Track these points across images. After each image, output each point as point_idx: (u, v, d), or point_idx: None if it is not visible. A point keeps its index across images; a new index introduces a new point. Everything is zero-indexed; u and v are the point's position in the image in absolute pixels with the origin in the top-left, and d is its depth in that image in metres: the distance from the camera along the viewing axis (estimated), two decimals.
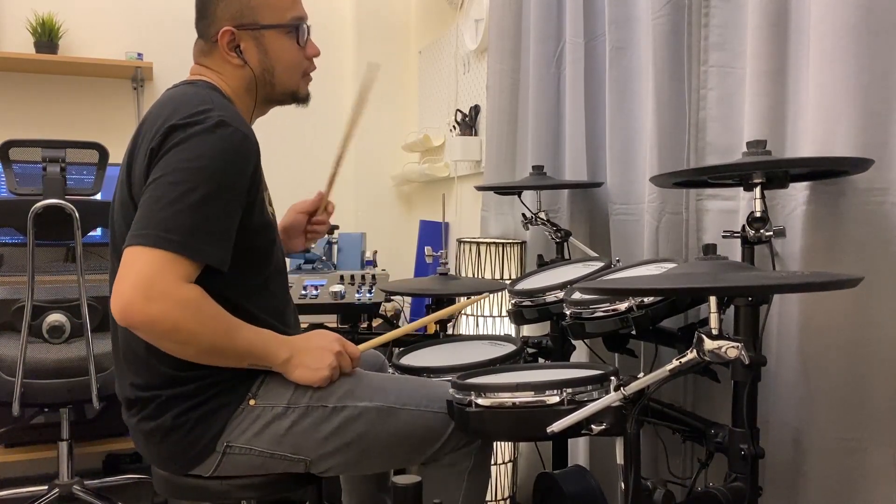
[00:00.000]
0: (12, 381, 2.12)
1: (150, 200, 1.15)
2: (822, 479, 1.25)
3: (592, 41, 1.91)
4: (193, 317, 1.14)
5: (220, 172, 1.17)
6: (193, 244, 1.14)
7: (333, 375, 1.29)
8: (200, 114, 1.19)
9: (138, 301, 1.10)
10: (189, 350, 1.18)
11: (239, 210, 1.22)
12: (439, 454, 1.34)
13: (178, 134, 1.17)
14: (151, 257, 1.12)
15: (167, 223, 1.13)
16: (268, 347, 1.24)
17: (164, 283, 1.11)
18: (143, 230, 1.13)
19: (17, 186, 2.13)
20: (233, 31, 1.33)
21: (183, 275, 1.13)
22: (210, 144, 1.17)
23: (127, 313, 1.11)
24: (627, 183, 1.77)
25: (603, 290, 1.23)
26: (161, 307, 1.11)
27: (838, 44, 1.18)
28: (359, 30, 3.49)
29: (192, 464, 1.26)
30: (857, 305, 1.18)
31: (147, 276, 1.11)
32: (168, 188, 1.15)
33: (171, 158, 1.17)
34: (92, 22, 3.12)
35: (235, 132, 1.20)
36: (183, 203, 1.14)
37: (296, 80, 1.42)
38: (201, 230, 1.15)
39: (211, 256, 1.17)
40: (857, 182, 1.19)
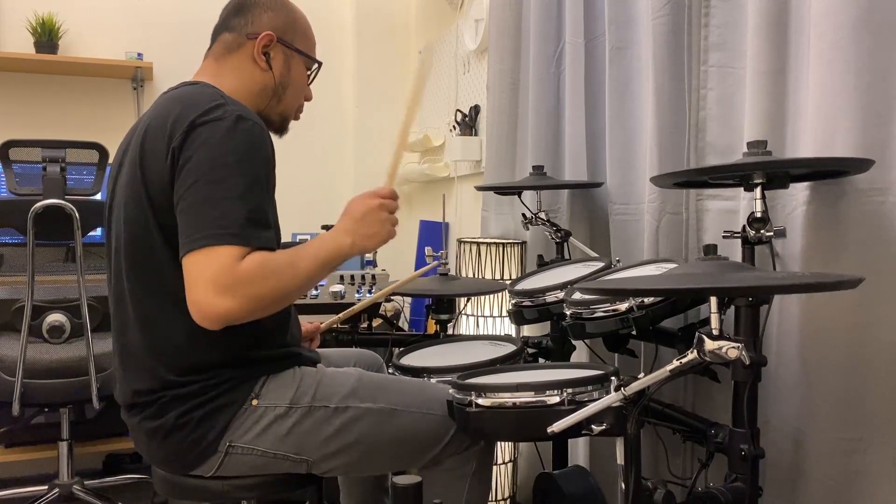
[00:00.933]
0: (12, 381, 2.12)
1: (198, 203, 1.16)
2: (822, 479, 1.25)
3: (592, 41, 1.91)
4: (263, 283, 1.15)
5: (252, 164, 1.20)
6: (247, 234, 1.16)
7: (394, 222, 1.32)
8: (216, 109, 1.21)
9: (211, 300, 1.12)
10: (282, 304, 1.22)
11: (271, 198, 1.26)
12: (441, 457, 1.34)
13: (202, 132, 1.18)
14: (209, 255, 1.13)
15: (219, 220, 1.14)
16: (331, 249, 1.26)
17: (226, 273, 1.13)
18: (197, 233, 1.14)
19: (17, 186, 2.13)
20: (273, 38, 1.38)
21: (233, 257, 1.14)
22: (238, 139, 1.19)
23: (207, 315, 1.13)
24: (627, 183, 1.77)
25: (603, 290, 1.23)
26: (233, 295, 1.12)
27: (838, 44, 1.18)
28: (359, 30, 3.49)
29: (193, 464, 1.26)
30: (858, 306, 1.18)
31: (210, 274, 1.12)
32: (209, 188, 1.16)
33: (202, 159, 1.17)
34: (92, 22, 3.12)
35: (255, 125, 1.23)
36: (228, 198, 1.15)
37: (295, 107, 1.48)
38: (250, 220, 1.17)
39: (264, 241, 1.18)
40: (858, 182, 1.19)
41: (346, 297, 2.46)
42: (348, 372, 1.38)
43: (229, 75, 1.38)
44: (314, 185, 3.45)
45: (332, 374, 1.35)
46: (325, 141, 3.50)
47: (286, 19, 1.41)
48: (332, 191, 3.50)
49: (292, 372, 1.32)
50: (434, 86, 3.27)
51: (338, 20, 3.52)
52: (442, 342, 1.80)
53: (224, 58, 1.39)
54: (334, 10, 3.51)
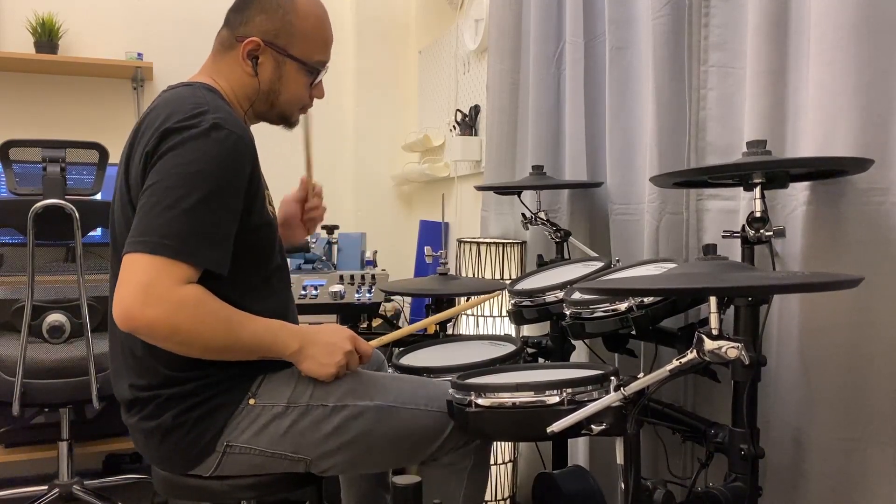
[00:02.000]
0: (12, 381, 2.12)
1: (147, 206, 1.16)
2: (822, 479, 1.25)
3: (592, 41, 1.91)
4: (192, 316, 1.15)
5: (214, 176, 1.17)
6: (190, 249, 1.14)
7: (340, 373, 1.29)
8: (195, 117, 1.19)
9: (137, 306, 1.11)
10: (193, 349, 1.19)
11: (237, 212, 1.22)
12: (439, 453, 1.34)
13: (173, 138, 1.17)
14: (148, 263, 1.12)
15: (163, 229, 1.13)
16: (276, 339, 1.24)
17: (160, 287, 1.12)
18: (140, 237, 1.14)
19: (17, 186, 2.13)
20: (259, 44, 1.33)
21: (180, 278, 1.14)
22: (204, 149, 1.17)
23: (127, 319, 1.12)
24: (627, 183, 1.77)
25: (603, 290, 1.23)
26: (158, 311, 1.12)
27: (838, 44, 1.18)
28: (359, 30, 3.49)
29: (192, 463, 1.26)
30: (858, 305, 1.18)
31: (144, 281, 1.12)
32: (164, 194, 1.15)
33: (167, 163, 1.17)
34: (92, 22, 3.12)
35: (230, 135, 1.20)
36: (178, 208, 1.14)
37: (293, 110, 1.44)
38: (197, 234, 1.15)
39: (208, 260, 1.17)
40: (858, 182, 1.19)
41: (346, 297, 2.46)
42: None
43: (224, 74, 1.36)
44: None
45: None
46: (325, 141, 3.49)
47: (281, 22, 1.34)
48: (331, 191, 3.46)
49: (289, 371, 1.31)
50: (434, 86, 3.28)
51: (338, 20, 3.49)
52: (442, 342, 1.80)
53: (219, 55, 1.38)
54: (334, 10, 3.48)
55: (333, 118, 3.51)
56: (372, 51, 3.51)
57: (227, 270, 1.20)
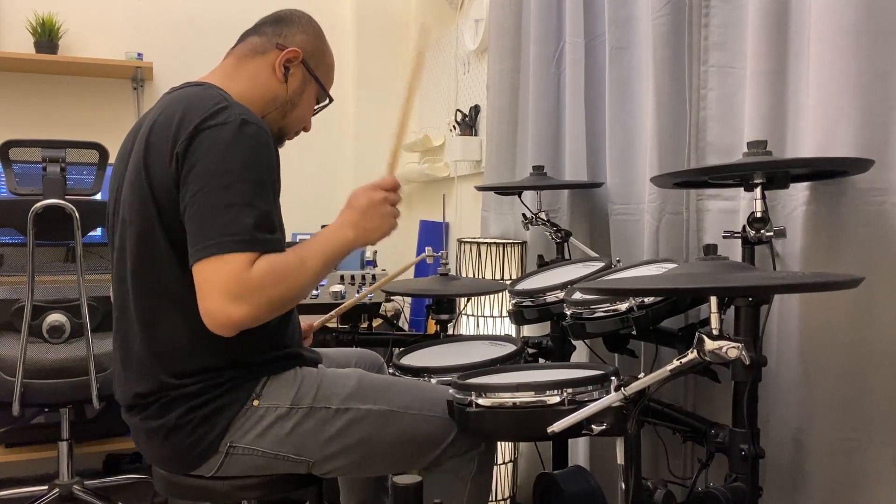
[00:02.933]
0: (12, 381, 2.12)
1: (205, 210, 1.16)
2: (822, 479, 1.25)
3: (592, 41, 1.91)
4: (274, 287, 1.17)
5: (258, 169, 1.20)
6: (257, 240, 1.16)
7: (396, 216, 1.35)
8: (220, 112, 1.20)
9: (225, 308, 1.13)
10: (294, 303, 1.25)
11: (277, 200, 1.26)
12: (441, 459, 1.34)
13: (206, 136, 1.18)
14: (220, 264, 1.14)
15: (227, 228, 1.15)
16: (337, 244, 1.28)
17: (237, 280, 1.14)
18: (205, 242, 1.15)
19: (17, 186, 2.13)
20: (299, 55, 1.41)
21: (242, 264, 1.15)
22: (242, 144, 1.19)
23: (221, 323, 1.14)
24: (627, 183, 1.77)
25: (603, 290, 1.23)
26: (246, 301, 1.14)
27: (838, 44, 1.18)
28: (359, 30, 3.49)
29: (194, 464, 1.26)
30: (858, 305, 1.18)
31: (221, 282, 1.13)
32: (216, 195, 1.16)
33: (209, 164, 1.17)
34: (92, 22, 3.12)
35: (259, 129, 1.23)
36: (235, 205, 1.16)
37: (293, 128, 1.49)
38: (260, 225, 1.17)
39: (273, 244, 1.19)
40: (858, 182, 1.19)
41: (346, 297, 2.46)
42: (349, 373, 1.37)
43: (244, 78, 1.38)
44: (314, 185, 3.45)
45: (334, 375, 1.35)
46: (325, 141, 3.49)
47: (316, 48, 1.45)
48: (332, 191, 3.49)
49: (293, 372, 1.32)
50: (434, 86, 3.27)
51: (338, 20, 3.52)
52: (442, 342, 1.80)
53: (246, 59, 1.40)
54: (334, 10, 3.51)
55: (333, 118, 3.50)
56: (372, 51, 3.51)
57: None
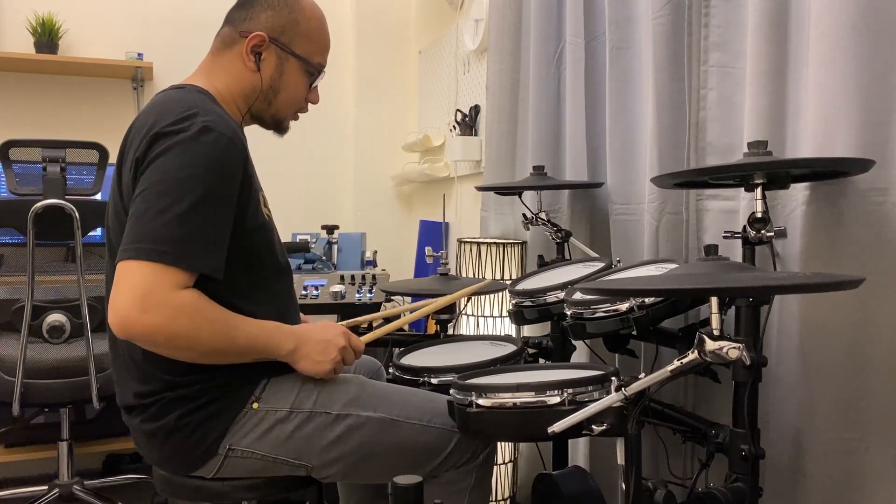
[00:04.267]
0: (12, 381, 2.12)
1: (139, 213, 1.15)
2: (822, 479, 1.25)
3: (592, 41, 1.91)
4: (190, 322, 1.14)
5: (206, 180, 1.16)
6: (184, 254, 1.14)
7: (336, 370, 1.30)
8: (184, 120, 1.18)
9: (134, 314, 1.10)
10: (190, 354, 1.19)
11: (230, 215, 1.21)
12: (439, 470, 1.33)
13: (162, 143, 1.17)
14: (144, 270, 1.12)
15: (156, 235, 1.13)
16: (271, 340, 1.24)
17: (158, 293, 1.11)
18: (134, 243, 1.13)
19: (17, 186, 2.13)
20: (264, 39, 1.34)
21: (176, 283, 1.13)
22: (194, 152, 1.16)
23: (124, 327, 1.12)
24: (628, 183, 1.77)
25: (604, 290, 1.23)
26: (157, 317, 1.11)
27: (838, 44, 1.18)
28: (359, 30, 3.49)
29: (194, 465, 1.26)
30: (858, 306, 1.18)
31: (141, 288, 1.11)
32: (155, 200, 1.14)
33: (157, 168, 1.16)
34: (92, 22, 3.12)
35: (220, 137, 1.19)
36: (171, 213, 1.13)
37: (289, 112, 1.44)
38: (191, 239, 1.14)
39: (202, 265, 1.16)
40: (858, 182, 1.19)
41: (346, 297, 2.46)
42: (351, 379, 1.37)
43: (221, 73, 1.36)
44: (314, 185, 3.45)
45: (334, 380, 1.34)
46: (325, 141, 3.49)
47: (287, 20, 1.36)
48: (332, 191, 3.49)
49: (293, 376, 1.31)
50: (434, 86, 3.27)
51: (338, 20, 3.52)
52: (442, 342, 1.80)
53: (219, 53, 1.37)
54: (334, 10, 3.50)
55: (333, 118, 3.51)
56: (372, 51, 3.51)
57: (223, 274, 1.20)
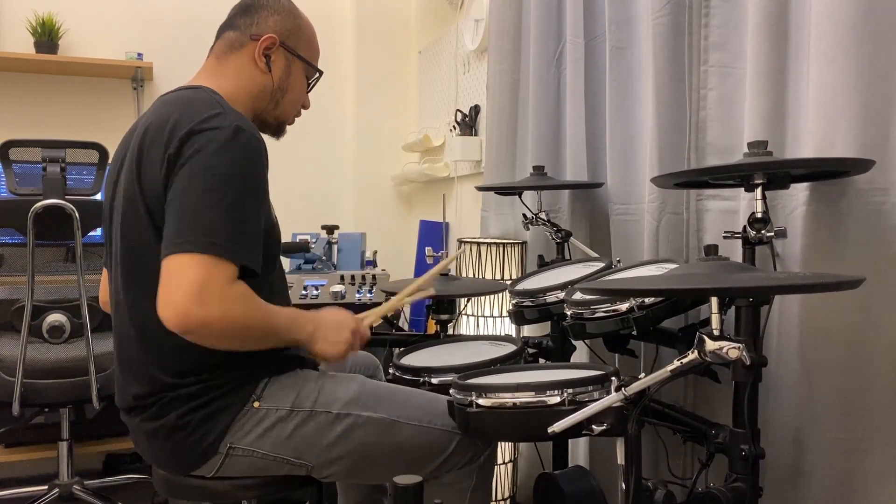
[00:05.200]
0: (12, 381, 2.12)
1: (187, 207, 1.16)
2: (822, 479, 1.25)
3: (592, 41, 1.91)
4: (244, 312, 1.17)
5: (246, 177, 1.19)
6: (236, 248, 1.16)
7: (349, 351, 1.33)
8: (214, 118, 1.20)
9: (193, 306, 1.11)
10: (237, 343, 1.21)
11: (263, 212, 1.25)
12: (439, 471, 1.33)
13: (199, 140, 1.18)
14: (199, 262, 1.13)
15: (209, 229, 1.14)
16: (297, 325, 1.28)
17: (216, 286, 1.13)
18: (185, 237, 1.14)
19: (17, 186, 2.13)
20: (276, 41, 1.39)
21: (230, 276, 1.16)
22: (234, 150, 1.18)
23: (183, 320, 1.12)
24: (628, 183, 1.77)
25: (604, 290, 1.23)
26: (215, 309, 1.12)
27: (838, 44, 1.18)
28: (359, 30, 3.49)
29: (194, 464, 1.26)
30: (858, 306, 1.18)
31: (198, 281, 1.12)
32: (203, 196, 1.16)
33: (198, 165, 1.17)
34: (92, 22, 3.12)
35: (252, 137, 1.22)
36: (221, 208, 1.15)
37: (291, 113, 1.48)
38: (239, 234, 1.17)
39: (249, 259, 1.19)
40: (858, 182, 1.19)
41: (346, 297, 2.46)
42: (351, 378, 1.37)
43: (229, 75, 1.37)
44: (314, 185, 3.45)
45: (335, 380, 1.35)
46: (325, 141, 3.49)
47: (292, 25, 1.41)
48: (332, 191, 3.49)
49: (294, 375, 1.32)
50: (434, 86, 3.27)
51: (338, 20, 3.52)
52: (442, 342, 1.80)
53: (225, 56, 1.39)
54: (334, 10, 3.51)
55: (333, 118, 3.51)
56: (372, 51, 3.51)
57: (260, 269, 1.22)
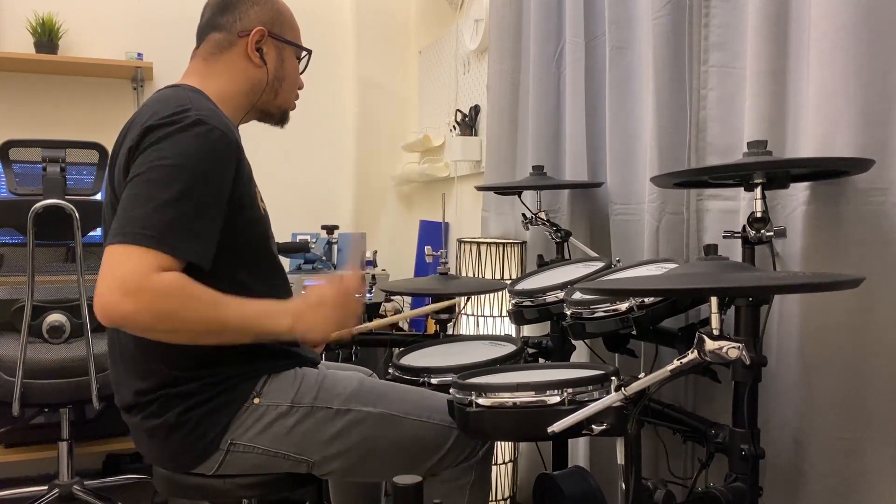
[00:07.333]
0: (12, 381, 2.12)
1: (127, 199, 1.15)
2: (822, 479, 1.25)
3: (592, 41, 1.91)
4: (174, 302, 1.11)
5: (195, 169, 1.17)
6: (169, 240, 1.12)
7: (341, 326, 1.27)
8: (178, 114, 1.19)
9: (115, 298, 1.08)
10: (180, 336, 1.16)
11: (220, 207, 1.21)
12: (439, 467, 1.34)
13: (155, 133, 1.18)
14: (126, 253, 1.10)
15: (143, 220, 1.12)
16: (267, 317, 1.21)
17: (137, 275, 1.09)
18: (119, 229, 1.13)
19: (17, 186, 2.13)
20: (264, 33, 1.38)
21: (158, 266, 1.11)
22: (186, 143, 1.17)
23: (107, 312, 1.09)
24: (627, 183, 1.77)
25: (603, 290, 1.23)
26: (138, 300, 1.08)
27: (838, 44, 1.18)
28: (359, 30, 3.49)
29: (195, 462, 1.26)
30: (858, 306, 1.18)
31: (122, 272, 1.09)
32: (144, 186, 1.15)
33: (148, 157, 1.17)
34: (92, 22, 3.12)
35: (212, 130, 1.20)
36: (159, 200, 1.13)
37: (291, 99, 1.48)
38: (177, 226, 1.13)
39: (189, 252, 1.15)
40: (858, 182, 1.19)
41: None
42: (350, 375, 1.38)
43: (220, 75, 1.37)
44: (314, 185, 3.45)
45: (334, 376, 1.35)
46: (325, 141, 3.49)
47: (273, 12, 1.41)
48: (332, 191, 3.49)
49: (293, 371, 1.32)
50: (434, 86, 3.27)
51: (338, 20, 3.52)
52: (442, 342, 1.80)
53: (214, 57, 1.38)
54: (334, 10, 3.50)
55: (333, 118, 3.51)
56: (372, 51, 3.51)
57: (209, 264, 1.18)
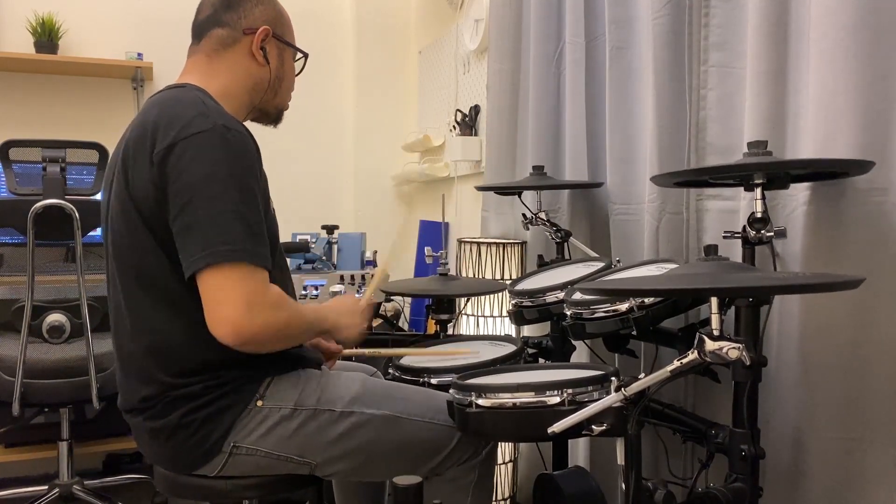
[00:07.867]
0: (12, 381, 2.12)
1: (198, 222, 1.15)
2: (822, 479, 1.25)
3: (592, 41, 1.91)
4: (284, 312, 1.21)
5: (241, 177, 1.19)
6: (255, 250, 1.18)
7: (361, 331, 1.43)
8: (198, 120, 1.19)
9: (246, 320, 1.14)
10: (285, 343, 1.25)
11: (263, 205, 1.26)
12: (441, 467, 1.34)
13: (187, 144, 1.17)
14: (237, 274, 1.15)
15: (224, 237, 1.15)
16: (318, 317, 1.34)
17: (258, 294, 1.16)
18: (204, 250, 1.14)
19: (17, 186, 2.13)
20: (269, 32, 1.39)
21: (264, 279, 1.18)
22: (225, 152, 1.18)
23: (239, 334, 1.15)
24: (628, 183, 1.77)
25: (604, 290, 1.23)
26: (263, 317, 1.16)
27: (838, 44, 1.18)
28: (359, 30, 3.49)
29: (197, 463, 1.26)
30: (858, 306, 1.18)
31: (244, 294, 1.15)
32: (209, 204, 1.15)
33: (195, 176, 1.16)
34: (92, 22, 3.12)
35: (239, 135, 1.21)
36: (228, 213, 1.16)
37: (287, 99, 1.49)
38: (254, 234, 1.18)
39: (267, 258, 1.21)
40: (858, 182, 1.19)
41: None
42: (353, 377, 1.37)
43: (223, 73, 1.36)
44: (314, 185, 3.45)
45: (337, 378, 1.35)
46: (325, 141, 3.49)
47: (275, 12, 1.42)
48: (332, 191, 3.49)
49: (297, 374, 1.32)
50: (434, 86, 3.27)
51: (338, 20, 3.52)
52: (442, 342, 1.80)
53: (217, 54, 1.38)
54: (334, 10, 3.50)
55: (333, 118, 3.51)
56: (372, 51, 3.51)
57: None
